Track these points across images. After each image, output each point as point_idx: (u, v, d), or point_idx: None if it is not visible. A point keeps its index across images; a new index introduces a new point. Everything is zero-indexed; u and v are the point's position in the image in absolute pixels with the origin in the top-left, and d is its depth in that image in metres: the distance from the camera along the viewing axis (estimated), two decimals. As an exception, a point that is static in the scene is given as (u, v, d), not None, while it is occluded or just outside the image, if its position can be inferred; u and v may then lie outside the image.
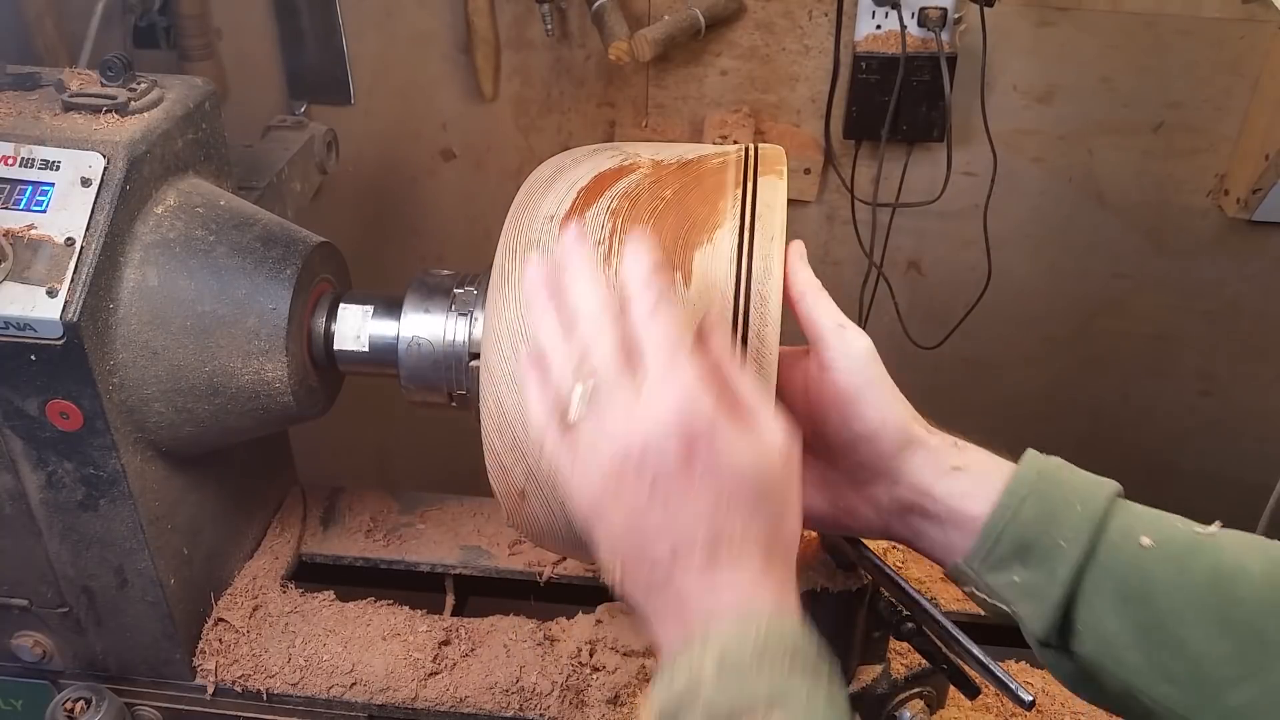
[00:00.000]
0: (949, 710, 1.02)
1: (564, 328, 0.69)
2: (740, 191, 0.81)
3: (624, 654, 1.09)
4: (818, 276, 0.80)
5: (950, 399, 1.97)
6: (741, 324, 0.75)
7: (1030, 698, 0.78)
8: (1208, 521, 0.71)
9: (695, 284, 0.77)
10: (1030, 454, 0.76)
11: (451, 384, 0.97)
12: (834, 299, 0.79)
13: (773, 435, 0.66)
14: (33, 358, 0.90)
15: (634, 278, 0.67)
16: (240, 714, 1.13)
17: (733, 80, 1.72)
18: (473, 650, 1.13)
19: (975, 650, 0.81)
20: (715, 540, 0.63)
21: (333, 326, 1.03)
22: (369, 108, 1.81)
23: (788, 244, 0.79)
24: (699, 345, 0.67)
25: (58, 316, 0.89)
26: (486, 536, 1.27)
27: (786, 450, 0.66)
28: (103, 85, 1.00)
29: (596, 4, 1.58)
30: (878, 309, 1.80)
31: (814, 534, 0.93)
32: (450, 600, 1.25)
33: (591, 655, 1.09)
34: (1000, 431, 0.78)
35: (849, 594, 0.89)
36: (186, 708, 1.13)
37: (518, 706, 1.08)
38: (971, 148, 1.71)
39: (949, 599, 1.19)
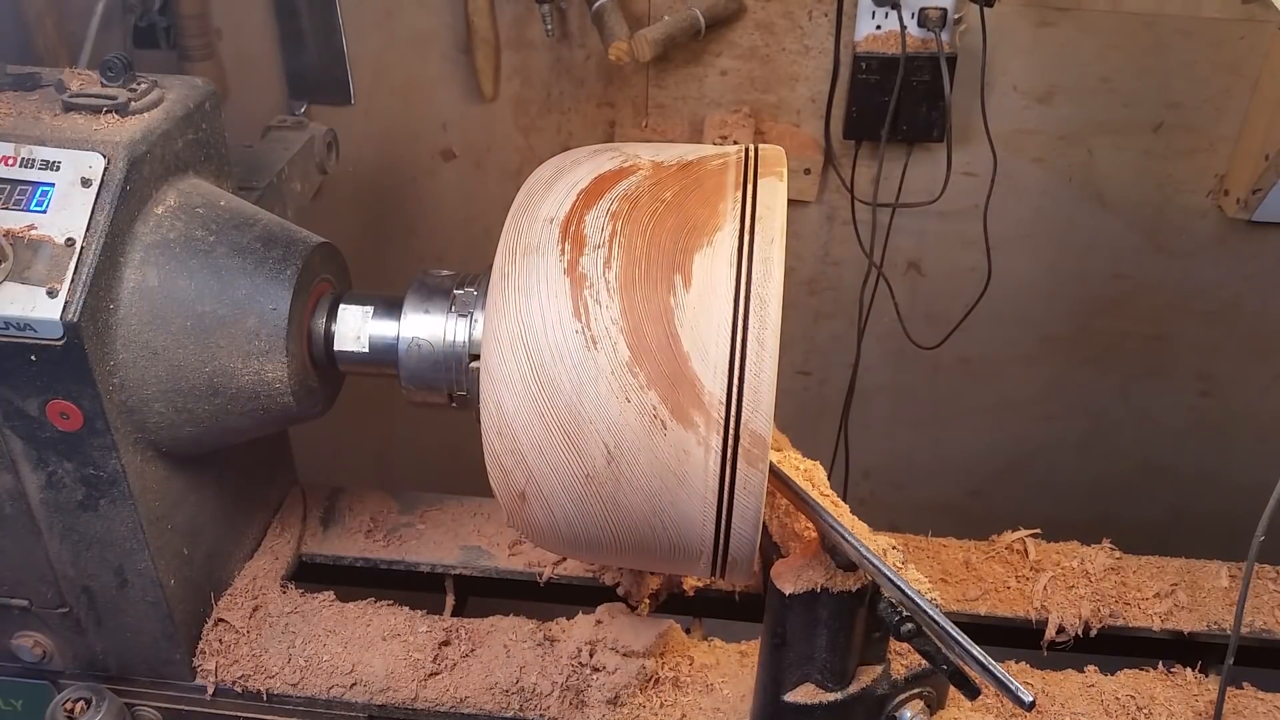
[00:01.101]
0: (949, 710, 1.02)
1: None
2: (740, 194, 0.81)
3: (624, 654, 1.09)
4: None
5: (950, 399, 1.97)
6: (742, 328, 0.75)
7: (1030, 698, 0.78)
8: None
9: (695, 287, 0.77)
10: None
11: (451, 385, 0.97)
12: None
13: None
14: (33, 358, 0.90)
15: None
16: (240, 714, 1.13)
17: (733, 80, 1.72)
18: (473, 650, 1.13)
19: (975, 650, 0.81)
20: None
21: (333, 327, 1.03)
22: (369, 108, 1.81)
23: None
24: None
25: (58, 317, 0.89)
26: (486, 536, 1.27)
27: None
28: (103, 85, 1.00)
29: (596, 4, 1.58)
30: (878, 309, 1.79)
31: (814, 534, 0.93)
32: (450, 600, 1.25)
33: (591, 655, 1.09)
34: (1000, 431, 0.77)
35: (849, 594, 0.89)
36: (186, 708, 1.13)
37: (518, 707, 1.08)
38: (971, 148, 1.71)
39: (949, 599, 1.19)
